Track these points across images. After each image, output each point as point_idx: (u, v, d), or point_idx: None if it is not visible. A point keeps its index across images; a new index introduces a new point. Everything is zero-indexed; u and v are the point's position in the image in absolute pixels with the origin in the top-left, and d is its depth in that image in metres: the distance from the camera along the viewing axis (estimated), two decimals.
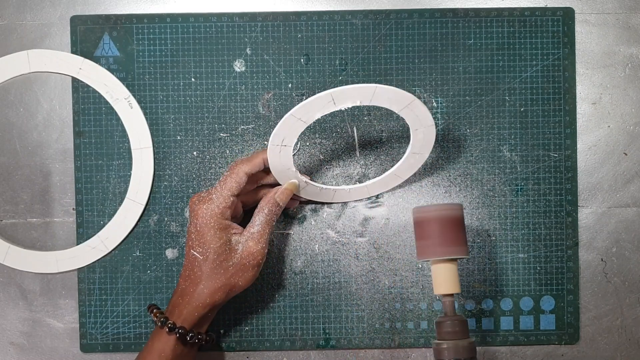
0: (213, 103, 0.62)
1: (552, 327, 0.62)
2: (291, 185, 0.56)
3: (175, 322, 0.54)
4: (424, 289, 0.62)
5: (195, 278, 0.54)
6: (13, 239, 0.62)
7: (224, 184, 0.54)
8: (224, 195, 0.54)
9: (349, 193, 0.60)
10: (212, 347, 0.61)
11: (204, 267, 0.54)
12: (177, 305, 0.55)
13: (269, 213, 0.55)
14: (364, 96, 0.51)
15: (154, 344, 0.54)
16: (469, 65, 0.62)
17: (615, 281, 0.62)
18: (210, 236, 0.53)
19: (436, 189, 0.62)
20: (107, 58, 0.61)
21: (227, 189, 0.54)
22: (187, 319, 0.54)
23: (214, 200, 0.54)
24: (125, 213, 0.61)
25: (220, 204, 0.54)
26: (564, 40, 0.61)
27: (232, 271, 0.54)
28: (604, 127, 0.62)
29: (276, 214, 0.55)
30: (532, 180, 0.62)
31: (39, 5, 0.62)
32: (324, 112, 0.52)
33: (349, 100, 0.51)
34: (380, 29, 0.61)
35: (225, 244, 0.54)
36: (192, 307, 0.54)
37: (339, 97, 0.51)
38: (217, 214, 0.53)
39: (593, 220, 0.62)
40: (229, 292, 0.55)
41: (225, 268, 0.54)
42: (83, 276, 0.62)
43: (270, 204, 0.55)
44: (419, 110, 0.53)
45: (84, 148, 0.61)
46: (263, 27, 0.61)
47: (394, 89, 0.51)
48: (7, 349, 0.62)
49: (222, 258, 0.54)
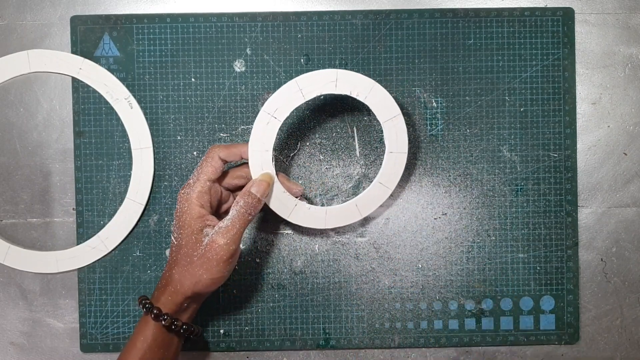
0: (213, 103, 0.62)
1: (552, 327, 0.62)
2: (265, 175, 0.54)
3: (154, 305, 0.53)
4: (424, 289, 0.62)
5: (171, 262, 0.54)
6: (13, 239, 0.62)
7: (200, 169, 0.54)
8: (201, 179, 0.53)
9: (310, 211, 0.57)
10: (207, 346, 0.61)
11: (176, 253, 0.53)
12: (157, 289, 0.54)
13: (244, 205, 0.52)
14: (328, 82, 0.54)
15: (138, 328, 0.53)
16: (469, 65, 0.62)
17: (615, 281, 0.62)
18: (183, 221, 0.53)
19: (436, 189, 0.62)
20: (107, 58, 0.61)
21: (203, 173, 0.53)
22: (165, 304, 0.53)
23: (191, 185, 0.53)
24: (125, 213, 0.61)
25: (196, 188, 0.53)
26: (564, 40, 0.61)
27: (197, 262, 0.52)
28: (603, 127, 0.62)
29: (253, 207, 0.52)
30: (532, 180, 0.62)
31: (39, 5, 0.62)
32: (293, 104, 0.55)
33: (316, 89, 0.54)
34: (380, 29, 0.61)
35: (195, 233, 0.52)
36: (168, 292, 0.53)
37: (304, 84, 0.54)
38: (193, 199, 0.53)
39: (593, 220, 0.62)
40: (195, 284, 0.52)
41: (191, 258, 0.52)
42: (83, 276, 0.62)
43: (246, 197, 0.53)
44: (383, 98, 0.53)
45: (84, 148, 0.61)
46: (263, 27, 0.61)
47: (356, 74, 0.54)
48: (7, 349, 0.62)
49: (190, 247, 0.52)
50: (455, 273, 0.62)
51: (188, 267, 0.52)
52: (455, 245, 0.62)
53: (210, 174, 0.53)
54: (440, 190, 0.62)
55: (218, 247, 0.51)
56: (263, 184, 0.53)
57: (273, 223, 0.62)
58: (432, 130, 0.61)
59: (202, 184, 0.53)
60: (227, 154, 0.54)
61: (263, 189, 0.53)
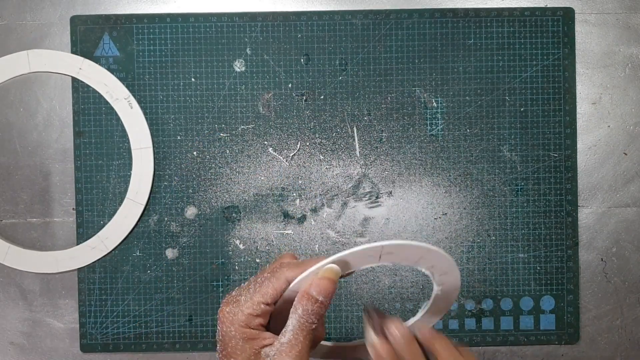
0: (213, 103, 0.62)
1: (552, 327, 0.62)
2: (328, 272, 0.40)
3: None
4: (424, 289, 0.62)
5: None
6: (13, 239, 0.62)
7: (258, 287, 0.41)
8: (254, 300, 0.40)
9: None
10: (207, 346, 0.61)
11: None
12: None
13: (304, 314, 0.40)
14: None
15: None
16: (469, 65, 0.62)
17: (615, 281, 0.62)
18: (232, 347, 0.40)
19: (436, 189, 0.62)
20: (107, 58, 0.61)
21: (260, 294, 0.41)
22: None
23: (241, 304, 0.41)
24: (125, 213, 0.61)
25: (246, 310, 0.40)
26: (564, 40, 0.61)
27: None
28: (604, 127, 0.62)
29: (315, 314, 0.40)
30: (532, 180, 0.62)
31: (39, 5, 0.62)
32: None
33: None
34: (380, 29, 0.61)
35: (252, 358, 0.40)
36: None
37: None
38: (241, 321, 0.40)
39: (593, 220, 0.62)
40: None
41: None
42: (83, 276, 0.62)
43: (305, 301, 0.40)
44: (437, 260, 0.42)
45: (84, 148, 0.61)
46: (263, 27, 0.61)
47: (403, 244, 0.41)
48: (7, 349, 0.62)
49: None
50: None
51: None
52: (456, 245, 0.62)
53: (268, 297, 0.41)
54: (441, 190, 0.62)
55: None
56: (323, 283, 0.40)
57: (273, 223, 0.62)
58: (432, 130, 0.61)
59: (255, 307, 0.40)
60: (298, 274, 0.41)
61: (326, 289, 0.40)
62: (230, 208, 0.62)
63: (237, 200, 0.62)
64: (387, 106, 0.61)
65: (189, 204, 0.62)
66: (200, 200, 0.62)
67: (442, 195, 0.62)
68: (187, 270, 0.62)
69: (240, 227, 0.62)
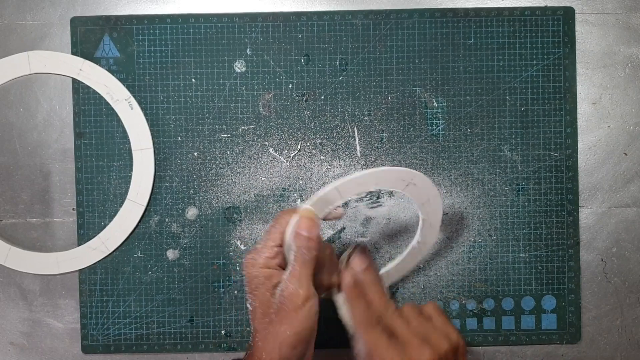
0: (213, 104, 0.62)
1: (553, 327, 0.62)
2: (303, 212, 0.50)
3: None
4: (425, 288, 0.62)
5: (253, 333, 0.50)
6: (13, 239, 0.62)
7: (269, 235, 0.50)
8: (267, 245, 0.50)
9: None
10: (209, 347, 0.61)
11: (254, 319, 0.50)
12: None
13: (298, 249, 0.49)
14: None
15: None
16: (470, 65, 0.62)
17: (615, 281, 0.62)
18: (254, 285, 0.49)
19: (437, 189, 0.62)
20: (108, 59, 0.61)
21: (271, 239, 0.50)
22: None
23: (259, 250, 0.50)
24: (126, 214, 0.61)
25: (263, 254, 0.49)
26: (564, 40, 0.61)
27: (276, 319, 0.48)
28: (604, 127, 0.62)
29: (306, 247, 0.49)
30: (533, 180, 0.62)
31: (39, 5, 0.62)
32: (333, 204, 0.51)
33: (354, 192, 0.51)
34: (381, 29, 0.61)
35: (269, 290, 0.49)
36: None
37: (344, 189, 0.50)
38: (260, 264, 0.49)
39: (593, 220, 0.62)
40: (280, 347, 0.48)
41: (270, 317, 0.48)
42: (84, 277, 0.62)
43: (296, 239, 0.49)
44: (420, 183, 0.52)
45: (85, 149, 0.61)
46: (263, 28, 0.61)
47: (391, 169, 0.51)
48: (7, 349, 0.62)
49: (265, 306, 0.49)
50: (456, 273, 0.62)
51: (269, 328, 0.48)
52: (457, 244, 0.62)
53: (277, 240, 0.50)
54: (442, 190, 0.62)
55: (289, 294, 0.48)
56: (304, 221, 0.49)
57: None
58: (432, 130, 0.62)
59: (269, 250, 0.50)
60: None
61: (308, 226, 0.49)
62: (231, 209, 0.62)
63: (238, 201, 0.62)
64: (387, 106, 0.62)
65: (190, 204, 0.62)
66: (201, 201, 0.62)
67: (442, 195, 0.62)
68: (188, 271, 0.62)
69: (241, 228, 0.62)
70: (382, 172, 0.50)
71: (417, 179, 0.51)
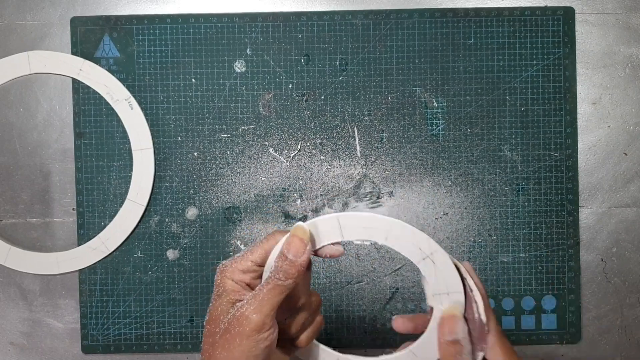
0: (213, 104, 0.62)
1: (553, 327, 0.62)
2: (296, 230, 0.41)
3: None
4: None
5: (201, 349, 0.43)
6: (13, 239, 0.62)
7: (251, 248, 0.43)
8: (245, 257, 0.42)
9: None
10: None
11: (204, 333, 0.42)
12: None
13: (274, 270, 0.40)
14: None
15: None
16: (470, 65, 0.62)
17: (615, 281, 0.62)
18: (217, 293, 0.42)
19: (437, 189, 0.62)
20: (108, 59, 0.61)
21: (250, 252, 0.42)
22: None
23: (234, 260, 0.42)
24: (126, 214, 0.61)
25: (237, 266, 0.42)
26: (564, 40, 0.61)
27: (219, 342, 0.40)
28: (604, 127, 0.62)
29: (284, 271, 0.40)
30: (533, 180, 0.62)
31: (39, 5, 0.62)
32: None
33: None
34: (381, 29, 0.61)
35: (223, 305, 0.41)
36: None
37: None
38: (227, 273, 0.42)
39: (593, 220, 0.62)
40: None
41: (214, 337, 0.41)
42: (84, 277, 0.62)
43: (277, 259, 0.40)
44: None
45: (85, 149, 0.61)
46: (263, 28, 0.61)
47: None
48: (7, 349, 0.62)
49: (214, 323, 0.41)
50: None
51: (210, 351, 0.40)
52: (457, 245, 0.62)
53: (258, 257, 0.42)
54: (442, 190, 0.62)
55: (240, 316, 0.40)
56: (293, 240, 0.41)
57: (274, 223, 0.62)
58: (433, 130, 0.62)
59: (244, 264, 0.42)
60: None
61: (295, 247, 0.40)
62: (231, 209, 0.62)
63: (238, 201, 0.62)
64: (387, 106, 0.62)
65: (190, 204, 0.62)
66: (201, 201, 0.62)
67: (443, 195, 0.62)
68: (188, 271, 0.62)
69: (241, 228, 0.62)
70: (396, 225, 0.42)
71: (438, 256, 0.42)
